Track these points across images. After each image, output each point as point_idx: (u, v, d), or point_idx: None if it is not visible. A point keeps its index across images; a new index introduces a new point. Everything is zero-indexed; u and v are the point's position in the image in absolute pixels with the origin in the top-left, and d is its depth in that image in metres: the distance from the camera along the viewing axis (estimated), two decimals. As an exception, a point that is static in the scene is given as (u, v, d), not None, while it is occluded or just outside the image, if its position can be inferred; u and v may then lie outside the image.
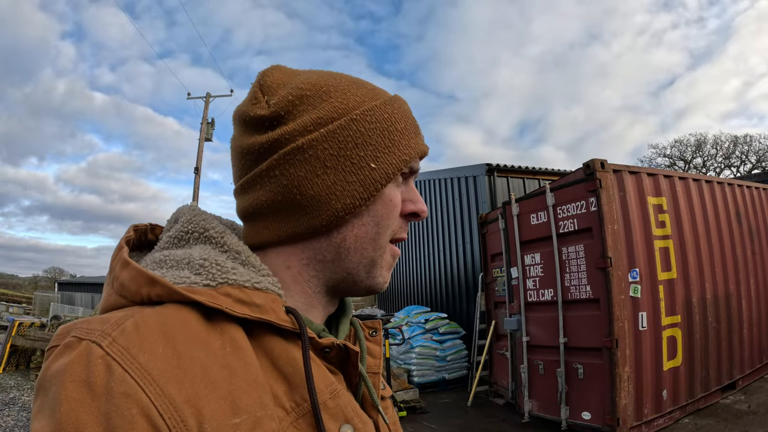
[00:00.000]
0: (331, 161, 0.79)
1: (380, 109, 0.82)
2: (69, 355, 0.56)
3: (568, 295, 6.61)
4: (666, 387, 6.47)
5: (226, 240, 0.79)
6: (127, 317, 0.61)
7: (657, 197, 6.93)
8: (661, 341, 6.50)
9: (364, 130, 0.79)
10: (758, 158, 35.49)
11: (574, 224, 6.64)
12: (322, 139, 0.79)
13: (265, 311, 0.70)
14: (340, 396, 0.73)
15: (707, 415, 7.03)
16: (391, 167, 0.80)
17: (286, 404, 0.67)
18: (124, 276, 0.70)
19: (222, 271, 0.73)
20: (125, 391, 0.53)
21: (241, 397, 0.61)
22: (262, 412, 0.62)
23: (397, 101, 0.85)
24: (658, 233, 6.75)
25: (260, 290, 0.73)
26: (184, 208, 0.87)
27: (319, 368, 0.73)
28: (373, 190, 0.79)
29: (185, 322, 0.63)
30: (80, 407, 0.52)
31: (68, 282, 51.60)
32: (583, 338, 6.41)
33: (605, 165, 6.39)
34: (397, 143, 0.81)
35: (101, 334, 0.58)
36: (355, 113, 0.80)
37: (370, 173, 0.79)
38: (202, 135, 19.24)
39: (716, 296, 7.55)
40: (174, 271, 0.73)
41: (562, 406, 6.52)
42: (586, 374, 6.33)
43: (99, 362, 0.55)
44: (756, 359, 8.43)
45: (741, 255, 8.31)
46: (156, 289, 0.66)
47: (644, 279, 6.47)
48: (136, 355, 0.56)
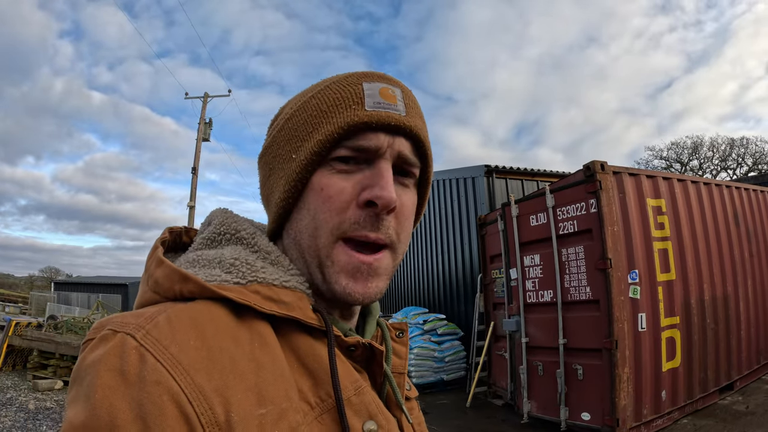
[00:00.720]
0: (272, 162, 0.83)
1: (312, 99, 0.80)
2: (104, 346, 0.58)
3: (567, 297, 6.62)
4: (665, 388, 6.49)
5: (257, 241, 0.81)
6: (161, 312, 0.63)
7: (656, 199, 6.95)
8: (660, 342, 6.52)
9: (292, 125, 0.80)
10: (755, 161, 35.61)
11: (574, 226, 6.66)
12: (268, 145, 0.85)
13: (292, 308, 0.71)
14: (364, 393, 0.74)
15: (706, 415, 7.05)
16: (306, 153, 0.77)
17: (311, 399, 0.68)
18: (158, 274, 0.72)
19: (252, 269, 0.74)
20: (157, 380, 0.55)
21: (268, 389, 0.62)
22: (287, 404, 0.63)
23: (339, 83, 0.80)
24: (657, 235, 6.77)
25: (288, 288, 0.75)
26: (217, 211, 0.89)
27: (344, 365, 0.74)
28: (291, 180, 0.77)
29: (215, 317, 0.65)
30: (114, 394, 0.53)
31: (64, 282, 51.60)
32: (583, 339, 6.43)
33: (605, 167, 6.41)
34: (318, 127, 0.77)
35: (135, 327, 0.59)
36: (288, 111, 0.82)
37: (290, 164, 0.78)
38: (200, 135, 19.25)
39: (714, 298, 7.57)
40: (206, 269, 0.75)
41: (562, 406, 6.54)
42: (585, 375, 6.35)
43: (133, 352, 0.56)
44: (754, 360, 8.46)
45: (739, 257, 8.34)
46: (188, 285, 0.69)
47: (643, 280, 6.49)
48: (168, 346, 0.58)
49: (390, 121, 0.76)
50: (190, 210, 18.53)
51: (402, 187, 0.81)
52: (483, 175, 11.64)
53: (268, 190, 0.84)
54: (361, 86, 0.78)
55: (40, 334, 12.93)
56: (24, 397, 10.42)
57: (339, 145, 0.76)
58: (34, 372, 12.36)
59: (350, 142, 0.75)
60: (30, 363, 12.67)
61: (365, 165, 0.77)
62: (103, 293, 37.61)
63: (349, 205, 0.75)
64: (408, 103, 0.81)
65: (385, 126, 0.76)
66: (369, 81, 0.79)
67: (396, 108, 0.78)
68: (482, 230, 9.39)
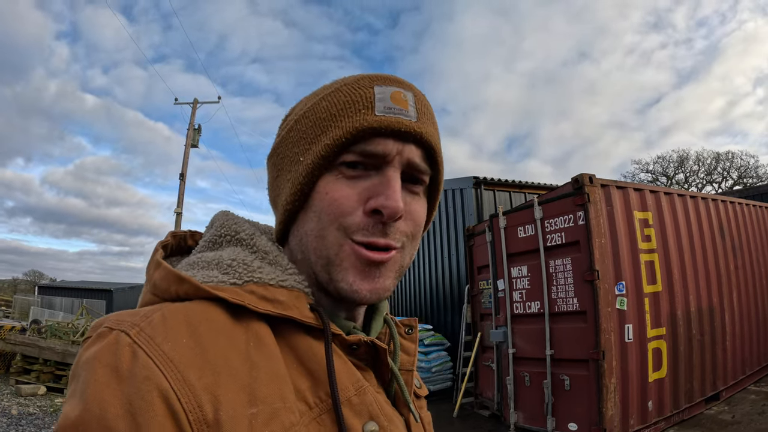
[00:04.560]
0: (281, 164, 0.83)
1: (323, 101, 0.79)
2: (100, 343, 0.59)
3: (554, 308, 6.66)
4: (651, 398, 6.54)
5: (256, 241, 0.82)
6: (156, 311, 0.64)
7: (643, 212, 7.02)
8: (646, 353, 6.57)
9: (301, 126, 0.79)
10: (740, 174, 35.96)
11: (561, 237, 6.71)
12: (277, 145, 0.84)
13: (287, 308, 0.71)
14: (365, 393, 0.73)
15: (692, 425, 7.10)
16: (313, 156, 0.75)
17: (310, 399, 0.68)
18: (156, 276, 0.73)
19: (248, 270, 0.75)
20: (147, 375, 0.56)
21: (261, 388, 0.62)
22: (280, 404, 0.63)
23: (350, 86, 0.78)
24: (644, 247, 6.84)
25: (285, 288, 0.75)
26: (219, 213, 0.89)
27: (345, 365, 0.74)
28: (298, 183, 0.77)
29: (210, 317, 0.65)
30: (106, 389, 0.55)
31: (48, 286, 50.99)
32: (570, 350, 6.47)
33: (594, 180, 6.48)
34: (326, 130, 0.76)
35: (130, 325, 0.61)
36: (299, 112, 0.81)
37: (298, 167, 0.78)
38: (188, 141, 19.17)
39: (700, 309, 7.65)
40: (204, 271, 0.75)
41: (549, 417, 6.56)
42: (572, 386, 6.38)
43: (126, 349, 0.58)
44: (739, 371, 8.54)
45: (724, 269, 8.43)
46: (184, 286, 0.70)
47: (630, 292, 6.55)
48: (160, 343, 0.59)
49: (400, 127, 0.74)
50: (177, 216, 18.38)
51: (411, 194, 0.80)
52: (471, 186, 11.67)
53: (276, 192, 0.84)
54: (373, 90, 0.76)
55: (23, 338, 12.87)
56: (7, 402, 10.31)
57: (347, 150, 0.75)
58: (17, 377, 12.23)
59: (358, 147, 0.74)
60: (13, 368, 12.55)
61: (373, 171, 0.76)
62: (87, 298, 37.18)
63: (355, 211, 0.74)
64: (420, 108, 0.79)
65: (394, 132, 0.74)
66: (381, 84, 0.77)
67: (407, 113, 0.76)
68: (470, 241, 9.42)
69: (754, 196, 13.12)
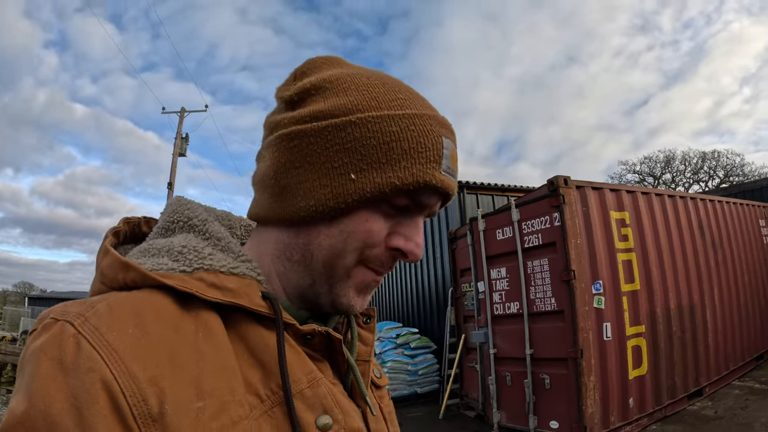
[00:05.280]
0: (312, 157, 0.75)
1: (390, 120, 0.73)
2: (45, 335, 0.58)
3: (533, 308, 6.74)
4: (632, 395, 6.60)
5: (208, 227, 0.80)
6: (102, 300, 0.63)
7: (620, 212, 7.11)
8: (626, 351, 6.64)
9: (359, 136, 0.73)
10: (726, 173, 36.12)
11: (538, 239, 6.80)
12: (312, 132, 0.76)
13: (237, 295, 0.70)
14: (319, 385, 0.72)
15: (674, 421, 7.15)
16: (373, 185, 0.72)
17: (261, 392, 0.66)
18: (104, 263, 0.72)
19: (199, 257, 0.74)
20: (90, 367, 0.54)
21: (209, 381, 0.61)
22: (229, 398, 0.62)
23: (422, 119, 0.75)
24: (621, 246, 6.93)
25: (236, 275, 0.74)
26: (173, 199, 0.88)
27: (298, 356, 0.72)
28: (341, 201, 0.72)
29: (157, 306, 0.64)
30: (51, 383, 0.54)
31: (39, 297, 50.83)
32: (549, 349, 6.54)
33: (568, 181, 6.57)
34: (393, 163, 0.72)
35: (75, 315, 0.59)
36: (357, 116, 0.74)
37: (346, 183, 0.73)
38: (176, 150, 19.18)
39: (680, 306, 7.73)
40: (154, 258, 0.74)
41: (530, 416, 6.63)
42: (552, 384, 6.45)
43: (71, 340, 0.56)
44: (722, 366, 8.60)
45: (704, 266, 8.52)
46: (130, 274, 0.68)
47: (608, 291, 6.63)
48: (105, 333, 0.57)
49: (449, 192, 0.77)
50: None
51: None
52: (455, 190, 11.69)
53: (291, 181, 0.77)
54: (441, 141, 0.75)
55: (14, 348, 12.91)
56: (0, 412, 10.35)
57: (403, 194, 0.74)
58: (8, 386, 12.25)
59: (414, 196, 0.74)
60: (4, 377, 12.58)
61: (403, 211, 0.77)
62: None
63: (380, 244, 0.75)
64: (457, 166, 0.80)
65: (443, 194, 0.77)
66: (447, 136, 0.77)
67: (455, 177, 0.79)
68: (453, 245, 9.48)
69: (737, 194, 13.24)
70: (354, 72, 0.80)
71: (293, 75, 0.85)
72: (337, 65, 0.85)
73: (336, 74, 0.80)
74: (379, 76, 0.80)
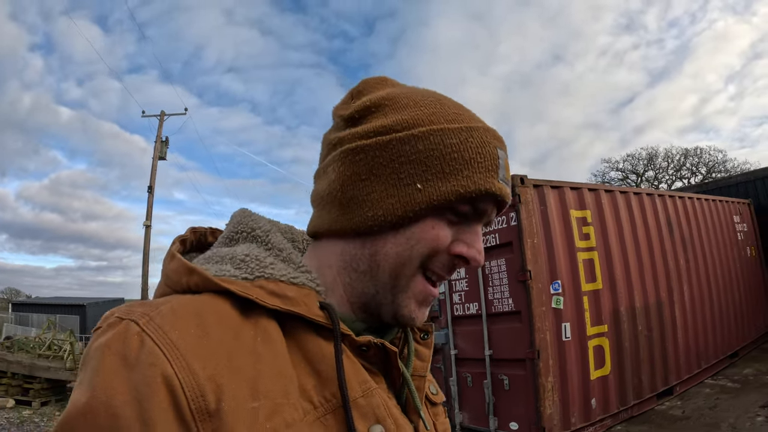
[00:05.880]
0: (378, 169, 0.78)
1: (450, 133, 0.78)
2: (110, 332, 0.61)
3: (491, 308, 6.69)
4: (595, 395, 6.58)
5: (271, 238, 0.83)
6: (166, 302, 0.66)
7: (581, 210, 7.09)
8: (587, 351, 6.62)
9: (422, 148, 0.77)
10: (708, 169, 36.25)
11: (496, 239, 6.74)
12: (376, 146, 0.79)
13: (296, 304, 0.72)
14: (373, 395, 0.72)
15: (641, 421, 7.17)
16: (439, 194, 0.75)
17: (315, 399, 0.68)
18: (170, 267, 0.75)
19: (261, 265, 0.76)
20: (152, 362, 0.57)
21: (264, 383, 0.62)
22: (283, 400, 0.63)
23: (478, 132, 0.79)
24: (581, 245, 6.91)
25: (296, 285, 0.76)
26: (237, 211, 0.90)
27: (353, 365, 0.73)
28: (410, 210, 0.76)
29: (219, 309, 0.66)
30: (114, 377, 0.56)
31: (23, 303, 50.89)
32: (507, 350, 6.48)
33: (525, 180, 6.51)
34: (455, 172, 0.76)
35: (140, 315, 0.62)
36: (419, 129, 0.78)
37: (413, 193, 0.76)
38: (156, 154, 19.25)
39: (647, 305, 7.72)
40: (218, 265, 0.76)
41: (491, 417, 6.58)
42: (511, 385, 6.40)
43: (135, 337, 0.59)
44: (694, 364, 8.61)
45: (673, 264, 8.52)
46: (194, 278, 0.71)
47: (567, 290, 6.60)
48: (168, 332, 0.60)
49: (506, 199, 0.80)
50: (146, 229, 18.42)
51: None
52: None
53: (358, 193, 0.80)
54: (497, 152, 0.79)
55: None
56: (-20, 419, 10.35)
57: (466, 202, 0.77)
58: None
59: (475, 203, 0.78)
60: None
61: (465, 218, 0.79)
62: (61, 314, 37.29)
63: (444, 250, 0.78)
64: None
65: (500, 202, 0.81)
66: (500, 147, 0.81)
67: (510, 185, 0.82)
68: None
69: (713, 191, 13.21)
70: (408, 90, 0.85)
71: (350, 95, 0.89)
72: (390, 85, 0.90)
73: (392, 93, 0.84)
74: (432, 94, 0.85)
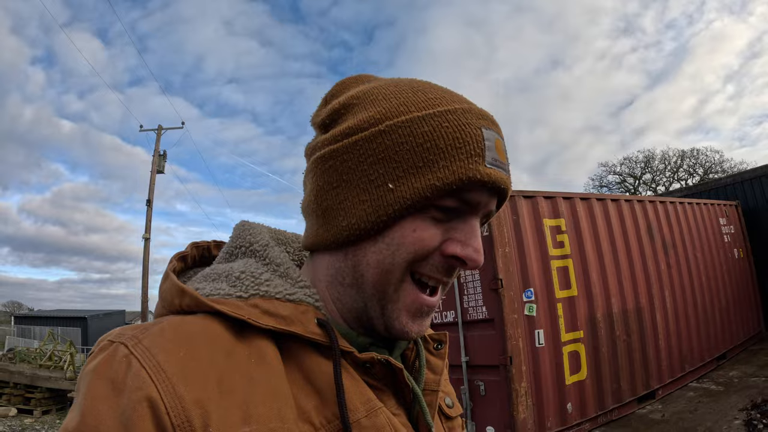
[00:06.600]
0: (348, 174, 0.74)
1: (420, 122, 0.71)
2: (101, 356, 0.60)
3: (467, 316, 6.82)
4: (571, 400, 6.70)
5: (268, 252, 0.80)
6: (157, 323, 0.65)
7: (555, 219, 7.23)
8: (561, 356, 6.74)
9: (390, 143, 0.71)
10: (705, 170, 36.03)
11: (470, 248, 6.84)
12: (344, 150, 0.74)
13: (291, 323, 0.69)
14: (377, 415, 0.69)
15: (620, 425, 7.22)
16: (413, 191, 0.69)
17: (315, 420, 0.65)
18: (163, 288, 0.75)
19: (255, 282, 0.73)
20: (138, 386, 0.56)
21: (257, 407, 0.60)
22: (277, 424, 0.61)
23: (455, 114, 0.72)
24: (555, 253, 7.05)
25: (292, 302, 0.73)
26: (238, 224, 0.88)
27: (356, 384, 0.70)
28: (383, 214, 0.70)
29: (211, 331, 0.64)
30: (101, 402, 0.56)
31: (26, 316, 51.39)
32: (483, 357, 6.62)
33: (496, 191, 6.62)
34: (430, 164, 0.69)
35: (129, 337, 0.61)
36: (386, 124, 0.72)
37: (385, 195, 0.70)
38: (154, 167, 19.45)
39: (625, 310, 7.81)
40: (214, 283, 0.75)
41: (469, 421, 6.71)
42: (487, 391, 6.53)
43: (123, 360, 0.58)
44: (677, 368, 8.66)
45: (654, 269, 8.60)
46: (186, 299, 0.69)
47: (541, 298, 6.74)
48: (156, 354, 0.59)
49: (501, 184, 0.72)
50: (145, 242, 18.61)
51: None
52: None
53: (331, 202, 0.75)
54: (481, 132, 0.71)
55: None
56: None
57: (448, 195, 0.70)
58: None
59: (460, 195, 0.70)
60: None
61: (456, 215, 0.73)
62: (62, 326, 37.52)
63: (435, 252, 0.72)
64: (508, 158, 0.77)
65: (495, 189, 0.73)
66: (487, 127, 0.73)
67: (506, 168, 0.74)
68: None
69: (702, 193, 13.28)
70: (383, 83, 0.79)
71: (324, 99, 0.85)
72: (366, 81, 0.84)
73: (364, 89, 0.79)
74: (408, 82, 0.78)
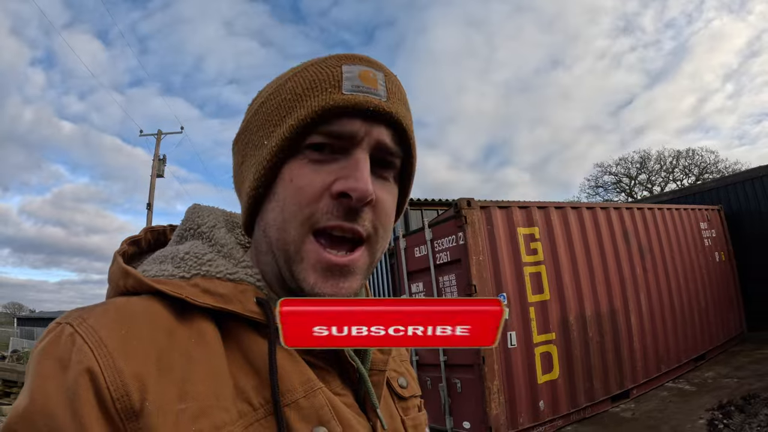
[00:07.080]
0: (245, 150, 0.77)
1: (286, 82, 0.74)
2: (48, 336, 0.60)
3: (444, 320, 7.22)
4: (543, 398, 7.11)
5: (214, 234, 0.80)
6: (102, 304, 0.65)
7: (529, 227, 7.65)
8: (533, 357, 7.15)
9: (266, 109, 0.74)
10: (700, 170, 35.89)
11: (447, 256, 7.35)
12: (243, 129, 0.79)
13: (228, 301, 0.69)
14: (316, 395, 0.68)
15: (592, 423, 7.59)
16: (278, 138, 0.70)
17: (254, 400, 0.65)
18: (111, 270, 0.74)
19: (198, 263, 0.73)
20: (80, 359, 0.56)
21: (195, 384, 0.60)
22: (213, 402, 0.61)
23: (316, 65, 0.74)
24: (528, 260, 7.46)
25: (232, 281, 0.72)
26: (189, 207, 0.88)
27: (296, 364, 0.69)
28: (261, 168, 0.72)
29: (152, 310, 0.65)
30: (47, 381, 0.56)
31: (28, 317, 51.85)
32: (459, 356, 7.07)
33: (472, 203, 7.13)
34: (291, 111, 0.71)
35: (75, 317, 0.61)
36: (265, 95, 0.77)
37: (262, 151, 0.73)
38: (154, 172, 19.85)
39: (598, 313, 8.19)
40: (160, 265, 0.75)
41: (447, 417, 7.16)
42: (463, 388, 6.97)
43: (68, 339, 0.58)
44: (653, 369, 9.00)
45: (629, 273, 8.96)
46: (129, 280, 0.70)
47: (513, 302, 7.16)
48: (98, 330, 0.59)
49: (368, 105, 0.70)
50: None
51: (381, 180, 0.75)
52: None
53: (240, 179, 0.79)
54: (341, 68, 0.72)
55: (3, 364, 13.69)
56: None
57: (313, 132, 0.70)
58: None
59: (325, 128, 0.69)
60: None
61: (340, 154, 0.71)
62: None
63: (321, 197, 0.69)
64: (390, 88, 0.74)
65: (362, 111, 0.70)
66: (349, 63, 0.73)
67: (376, 92, 0.72)
68: (391, 260, 9.94)
69: (687, 197, 13.62)
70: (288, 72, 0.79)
71: None
72: None
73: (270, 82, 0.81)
74: None
